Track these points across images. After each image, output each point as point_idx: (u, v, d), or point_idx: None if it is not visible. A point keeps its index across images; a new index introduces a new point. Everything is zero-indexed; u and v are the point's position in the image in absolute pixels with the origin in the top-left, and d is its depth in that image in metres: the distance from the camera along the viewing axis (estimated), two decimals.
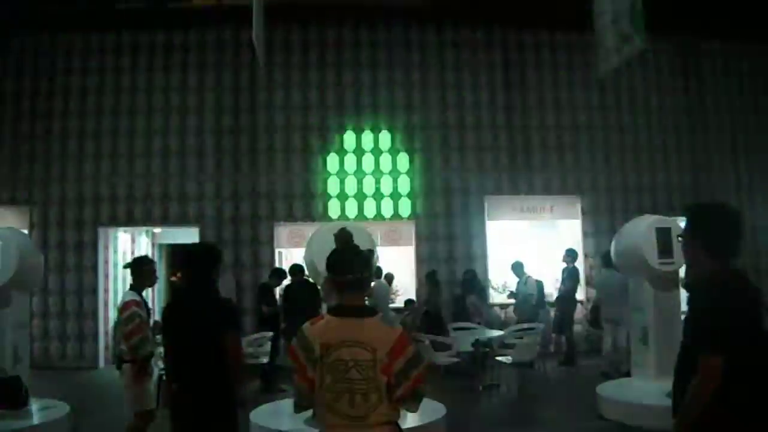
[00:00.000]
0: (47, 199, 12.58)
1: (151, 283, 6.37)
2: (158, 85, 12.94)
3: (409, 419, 5.86)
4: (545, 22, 13.45)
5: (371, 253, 6.31)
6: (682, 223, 3.17)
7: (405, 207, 12.98)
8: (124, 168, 12.70)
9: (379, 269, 11.30)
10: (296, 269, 9.84)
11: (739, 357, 2.59)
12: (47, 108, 12.78)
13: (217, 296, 4.38)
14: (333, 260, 3.07)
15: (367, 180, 12.94)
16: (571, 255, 11.66)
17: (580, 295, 12.79)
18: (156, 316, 7.68)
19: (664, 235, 7.70)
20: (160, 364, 7.22)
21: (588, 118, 13.55)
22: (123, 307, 5.79)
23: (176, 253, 14.88)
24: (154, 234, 14.81)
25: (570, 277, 11.57)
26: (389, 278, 12.02)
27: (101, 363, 12.41)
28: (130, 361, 5.69)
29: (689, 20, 13.33)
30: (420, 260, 12.92)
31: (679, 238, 3.09)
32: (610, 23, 8.12)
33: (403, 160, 13.06)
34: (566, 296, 11.57)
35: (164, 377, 4.38)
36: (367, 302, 3.17)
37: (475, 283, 11.79)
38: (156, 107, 12.88)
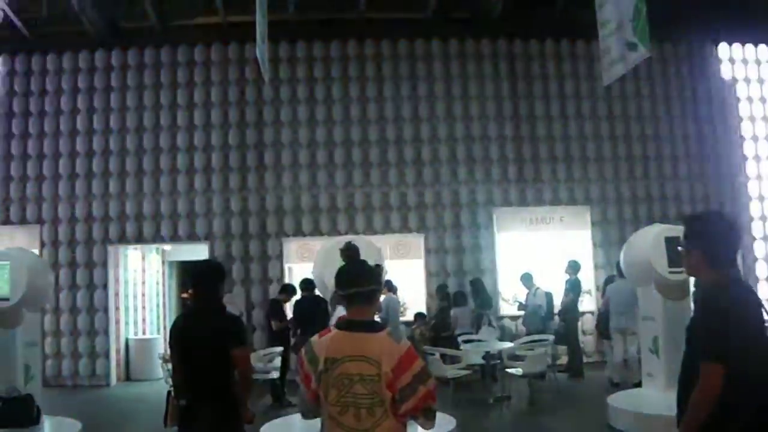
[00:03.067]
0: (56, 218, 12.65)
1: None
2: (165, 102, 13.00)
3: None
4: (550, 32, 13.50)
5: (379, 267, 6.31)
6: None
7: (413, 220, 12.99)
8: (133, 186, 12.74)
9: (390, 283, 11.28)
10: (306, 284, 9.85)
11: (740, 365, 2.57)
12: (55, 127, 12.86)
13: (224, 312, 4.42)
14: (340, 275, 3.08)
15: (375, 193, 12.97)
16: (572, 267, 11.57)
17: (591, 305, 12.75)
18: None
19: (673, 244, 7.66)
20: (170, 381, 7.25)
21: (595, 127, 13.51)
22: None
23: (187, 271, 14.92)
24: (164, 251, 14.86)
25: (572, 288, 11.49)
26: (394, 291, 11.93)
27: (113, 380, 12.41)
28: None
29: (695, 27, 13.37)
30: (429, 273, 12.90)
31: (679, 248, 3.08)
32: (615, 31, 8.12)
33: (410, 172, 13.09)
34: (568, 308, 11.50)
35: (172, 393, 4.39)
36: (377, 317, 3.17)
37: (478, 292, 11.74)
38: (163, 125, 12.94)
